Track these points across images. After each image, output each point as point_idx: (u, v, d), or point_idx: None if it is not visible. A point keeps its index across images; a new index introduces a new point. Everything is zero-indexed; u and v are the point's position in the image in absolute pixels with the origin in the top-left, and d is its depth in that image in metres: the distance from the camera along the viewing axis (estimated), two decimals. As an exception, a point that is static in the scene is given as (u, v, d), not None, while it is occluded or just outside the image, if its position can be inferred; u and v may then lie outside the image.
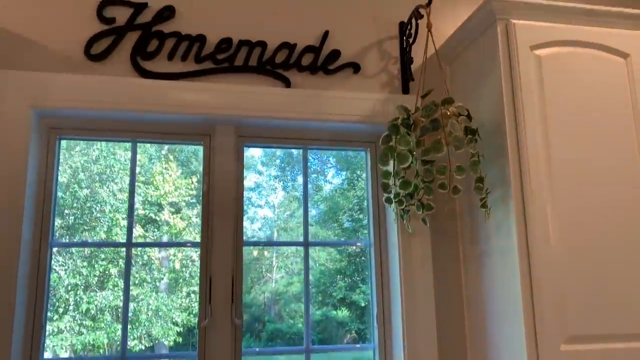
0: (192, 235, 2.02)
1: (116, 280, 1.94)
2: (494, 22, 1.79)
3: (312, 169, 2.17)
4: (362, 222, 2.15)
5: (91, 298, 1.92)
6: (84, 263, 1.93)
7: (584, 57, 1.81)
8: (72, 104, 1.81)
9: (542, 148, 1.71)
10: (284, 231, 2.17)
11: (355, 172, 2.23)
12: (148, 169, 2.01)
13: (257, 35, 1.99)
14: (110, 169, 2.03)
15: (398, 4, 2.15)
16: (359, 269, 2.17)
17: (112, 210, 1.98)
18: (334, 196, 2.23)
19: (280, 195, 2.18)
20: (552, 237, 1.66)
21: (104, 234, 1.96)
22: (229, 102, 1.92)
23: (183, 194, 2.06)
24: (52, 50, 1.84)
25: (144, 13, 1.92)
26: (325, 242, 2.15)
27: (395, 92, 2.08)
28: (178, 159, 2.07)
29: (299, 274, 2.10)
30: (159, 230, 2.02)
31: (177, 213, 2.04)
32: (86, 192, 1.97)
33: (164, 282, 2.01)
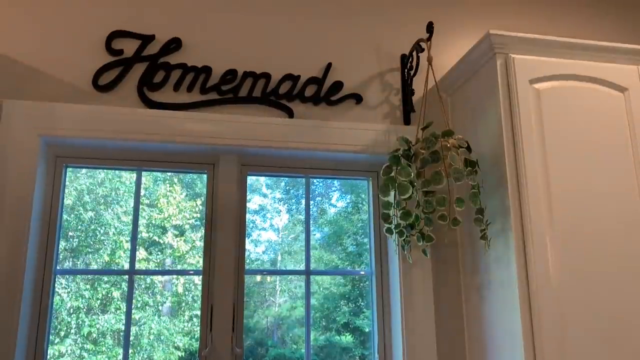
0: (196, 258, 2.03)
1: (118, 304, 1.95)
2: (494, 56, 1.83)
3: (316, 192, 2.19)
4: (366, 246, 2.16)
5: (93, 321, 1.92)
6: (86, 286, 1.94)
7: (582, 91, 1.84)
8: (79, 133, 1.85)
9: (542, 180, 1.73)
10: (287, 254, 2.18)
11: (359, 195, 2.25)
12: (153, 191, 2.04)
13: (262, 66, 2.04)
14: (116, 191, 2.05)
15: (399, 37, 2.20)
16: (362, 294, 2.17)
17: (116, 232, 2.00)
18: (338, 219, 2.24)
19: (285, 218, 2.20)
20: (551, 268, 1.67)
21: (108, 257, 1.97)
22: (233, 132, 1.95)
23: (187, 217, 2.07)
24: (61, 80, 1.89)
25: (151, 45, 1.97)
26: (327, 272, 2.15)
27: (396, 122, 2.11)
28: (182, 181, 2.10)
29: (303, 298, 2.10)
30: (163, 253, 2.03)
31: (181, 236, 2.06)
32: (91, 214, 1.99)
33: (167, 306, 2.01)
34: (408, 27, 2.21)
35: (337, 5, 2.19)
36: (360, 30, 2.18)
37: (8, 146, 1.78)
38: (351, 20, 2.18)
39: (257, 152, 2.02)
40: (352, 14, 2.19)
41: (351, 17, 2.19)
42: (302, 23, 2.14)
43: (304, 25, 2.14)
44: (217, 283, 1.91)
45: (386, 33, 2.20)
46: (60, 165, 1.93)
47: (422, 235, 1.76)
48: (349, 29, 2.17)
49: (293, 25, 2.13)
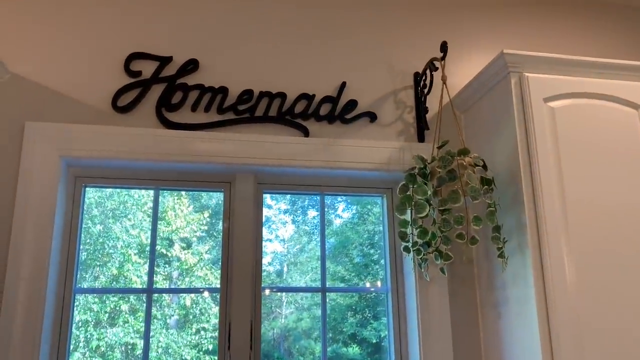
0: (204, 271, 2.05)
1: (127, 317, 1.96)
2: (508, 75, 1.85)
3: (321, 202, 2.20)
4: (373, 257, 2.17)
5: (101, 335, 1.93)
6: (94, 299, 1.96)
7: (596, 109, 1.85)
8: (98, 154, 1.88)
9: (558, 197, 1.74)
10: (293, 265, 2.19)
11: (365, 206, 2.26)
12: (160, 204, 2.06)
13: (277, 86, 2.06)
14: (124, 205, 2.07)
15: (412, 56, 2.22)
16: (370, 305, 2.17)
17: (124, 246, 2.01)
18: (344, 230, 2.25)
19: (290, 229, 2.21)
20: (569, 285, 1.67)
21: (116, 270, 1.99)
22: (249, 152, 1.97)
23: (194, 230, 2.09)
24: (81, 102, 1.92)
25: (169, 66, 2.00)
26: (343, 289, 2.16)
27: (410, 140, 2.13)
28: (189, 194, 2.12)
29: (309, 309, 2.11)
30: (170, 266, 2.05)
31: (188, 248, 2.07)
32: (99, 228, 2.01)
33: (174, 319, 2.02)
34: (421, 45, 2.24)
35: (350, 25, 2.22)
36: (374, 49, 2.21)
37: (30, 167, 1.81)
38: (364, 39, 2.21)
39: (273, 171, 2.05)
40: (365, 33, 2.22)
41: (364, 36, 2.22)
42: (316, 43, 2.17)
43: (318, 45, 2.17)
44: (234, 301, 1.92)
45: (399, 52, 2.23)
46: (79, 185, 1.96)
47: (440, 254, 1.77)
48: (362, 48, 2.20)
49: (307, 45, 2.16)
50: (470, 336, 2.00)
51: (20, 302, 1.70)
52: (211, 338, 2.00)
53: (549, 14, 2.45)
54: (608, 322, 1.66)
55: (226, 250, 2.00)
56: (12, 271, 1.72)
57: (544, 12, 2.45)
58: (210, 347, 1.98)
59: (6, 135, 1.83)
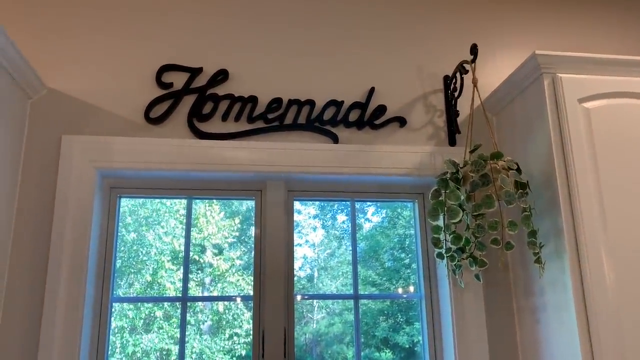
0: (235, 277, 2.06)
1: (161, 323, 1.99)
2: (540, 76, 1.82)
3: (351, 208, 2.19)
4: (404, 261, 2.15)
5: (137, 341, 1.96)
6: (130, 306, 1.99)
7: (633, 108, 1.80)
8: (132, 165, 1.91)
9: (595, 199, 1.70)
10: (324, 270, 2.18)
11: (395, 210, 2.24)
12: (192, 210, 2.08)
13: (306, 94, 2.07)
14: (157, 212, 2.10)
15: (441, 59, 2.20)
16: (402, 310, 2.15)
17: (157, 253, 2.04)
18: (375, 234, 2.24)
19: (320, 234, 2.20)
20: (609, 291, 1.63)
21: (150, 277, 2.02)
22: (280, 159, 1.98)
23: (225, 236, 2.11)
24: (115, 114, 1.96)
25: (199, 77, 2.02)
26: (375, 295, 2.15)
27: (441, 144, 2.11)
28: (220, 200, 2.13)
29: (340, 314, 2.11)
30: (203, 272, 2.07)
31: (220, 254, 2.09)
32: (133, 235, 2.04)
33: (208, 325, 2.04)
34: (449, 48, 2.22)
35: (377, 29, 2.21)
36: (402, 53, 2.20)
37: (67, 179, 1.85)
38: (392, 43, 2.20)
39: (303, 178, 2.05)
40: (392, 37, 2.21)
41: (392, 40, 2.21)
42: (343, 49, 2.17)
43: (346, 51, 2.17)
44: (267, 308, 1.93)
45: (428, 55, 2.21)
46: (114, 196, 2.00)
47: (475, 260, 1.74)
48: (390, 52, 2.19)
49: (335, 51, 2.16)
50: (508, 343, 1.96)
51: (59, 310, 1.74)
52: (244, 344, 2.01)
53: (579, 12, 2.40)
54: (651, 328, 1.61)
55: (258, 258, 2.01)
56: (52, 280, 1.76)
57: (574, 10, 2.40)
58: (243, 353, 2.00)
59: (44, 149, 1.88)
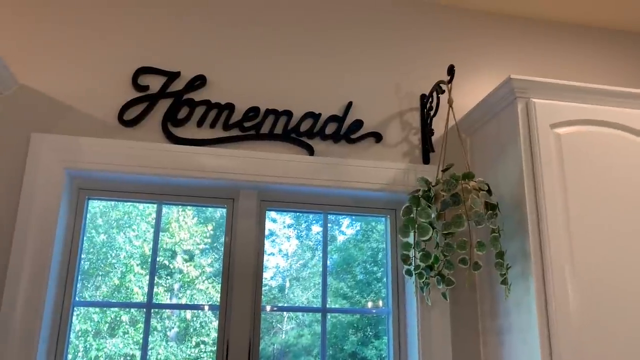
0: (205, 284, 2.04)
1: (127, 328, 1.95)
2: (515, 100, 1.85)
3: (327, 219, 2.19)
4: (376, 274, 2.15)
5: (101, 345, 1.92)
6: (95, 309, 1.95)
7: (603, 136, 1.84)
8: (103, 167, 1.88)
9: (562, 224, 1.72)
10: (295, 281, 2.17)
11: (369, 223, 2.24)
12: (164, 215, 2.05)
13: (284, 104, 2.07)
14: (128, 215, 2.07)
15: (419, 78, 2.23)
16: (371, 323, 2.15)
17: (127, 256, 2.01)
18: (348, 247, 2.24)
19: (294, 243, 2.19)
20: (572, 315, 1.65)
21: (118, 280, 1.98)
22: (254, 169, 1.97)
23: (197, 242, 2.08)
24: (88, 115, 1.92)
25: (176, 81, 2.01)
26: (344, 310, 2.14)
27: (415, 161, 2.13)
28: (191, 206, 2.10)
29: (310, 325, 2.09)
30: (172, 278, 2.04)
31: (191, 261, 2.06)
32: (103, 237, 2.00)
33: (174, 331, 2.01)
34: (427, 68, 2.25)
35: (357, 45, 2.23)
36: (381, 70, 2.21)
37: (34, 178, 1.81)
38: (372, 60, 2.22)
39: (277, 189, 2.04)
40: (372, 54, 2.23)
41: (372, 56, 2.23)
42: (323, 62, 2.18)
43: (325, 64, 2.17)
44: (234, 319, 1.91)
45: (406, 73, 2.23)
46: (83, 197, 1.96)
47: (442, 278, 1.75)
48: (369, 68, 2.21)
49: (314, 64, 2.17)
50: (471, 362, 1.97)
51: (19, 311, 1.69)
52: (211, 352, 1.98)
53: (555, 39, 2.46)
54: (611, 352, 1.64)
55: (227, 267, 1.99)
56: (12, 280, 1.71)
57: (551, 37, 2.45)
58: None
59: (12, 146, 1.84)
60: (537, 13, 2.43)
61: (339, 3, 2.27)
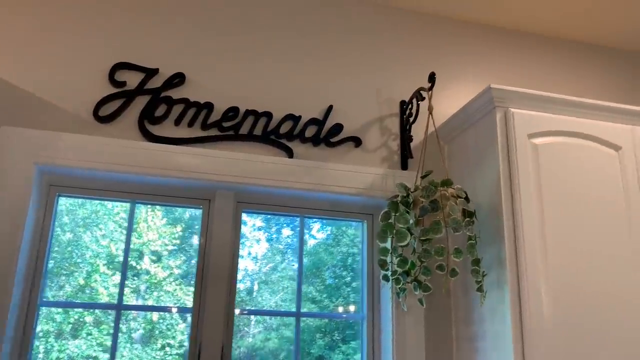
0: (173, 286, 2.00)
1: (90, 329, 1.89)
2: (493, 110, 1.86)
3: (297, 222, 2.17)
4: (345, 279, 2.14)
5: (63, 346, 1.86)
6: (58, 309, 1.88)
7: (578, 148, 1.88)
8: (75, 163, 1.82)
9: (538, 233, 1.74)
10: (264, 284, 2.14)
11: (340, 228, 2.24)
12: (130, 213, 2.00)
13: (264, 105, 2.05)
14: (96, 214, 2.01)
15: (399, 84, 2.23)
16: (339, 328, 2.14)
17: (93, 256, 1.95)
18: (319, 251, 2.22)
19: (264, 246, 2.17)
20: (546, 322, 1.67)
21: (83, 280, 1.93)
22: (231, 169, 1.94)
23: (166, 243, 2.04)
24: (61, 109, 1.87)
25: (154, 78, 1.97)
26: (318, 314, 2.13)
27: (394, 167, 2.13)
28: (164, 206, 2.06)
29: (277, 329, 2.07)
30: (139, 279, 1.99)
31: (159, 262, 2.02)
32: (69, 236, 1.94)
33: (139, 333, 1.96)
34: (408, 74, 2.26)
35: (340, 49, 2.23)
36: (362, 74, 2.21)
37: (2, 173, 1.75)
38: (353, 64, 2.22)
39: (254, 190, 2.01)
40: (354, 58, 2.23)
41: (353, 61, 2.22)
42: (304, 65, 2.16)
43: (307, 67, 2.16)
44: (207, 322, 1.87)
45: (387, 79, 2.24)
46: (53, 194, 1.90)
47: (419, 284, 1.75)
48: (350, 72, 2.20)
49: (296, 66, 2.15)
50: (444, 369, 1.98)
51: (-19, 312, 1.63)
52: (177, 355, 1.94)
53: (535, 51, 2.50)
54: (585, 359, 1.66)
55: (200, 269, 1.95)
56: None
57: (530, 49, 2.49)
58: (175, 364, 1.93)
59: (-20, 139, 1.77)
60: (517, 25, 2.47)
61: (322, 7, 2.26)
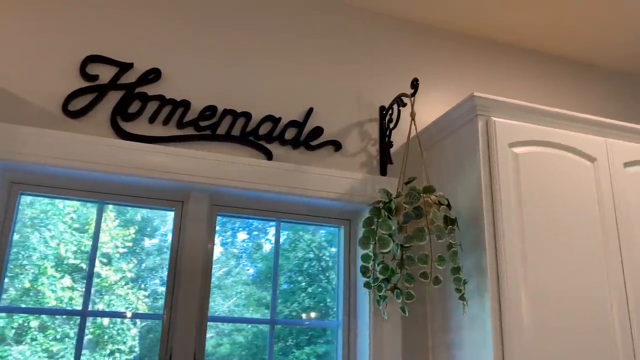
0: (125, 290, 1.91)
1: (35, 335, 1.78)
2: (475, 117, 1.87)
3: (253, 226, 2.12)
4: (300, 284, 2.10)
5: (4, 352, 1.75)
6: (1, 314, 1.77)
7: (557, 158, 1.90)
8: (41, 160, 1.71)
9: (518, 241, 1.75)
10: (217, 289, 2.08)
11: (297, 232, 2.19)
12: (82, 215, 1.90)
13: (242, 105, 1.99)
14: (45, 213, 1.90)
15: (379, 90, 2.22)
16: (293, 333, 2.09)
17: (40, 257, 1.84)
18: (274, 256, 2.17)
19: (218, 251, 2.10)
20: (526, 330, 1.67)
21: (29, 283, 1.82)
22: (207, 171, 1.87)
23: (118, 245, 1.94)
24: (27, 102, 1.75)
25: (128, 73, 1.88)
26: (291, 321, 2.08)
27: (373, 172, 2.11)
28: (115, 207, 1.96)
29: (230, 335, 2.02)
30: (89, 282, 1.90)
31: (110, 265, 1.93)
32: (17, 237, 1.83)
33: (88, 338, 1.86)
34: (388, 79, 2.24)
35: (320, 52, 2.19)
36: (343, 78, 2.19)
37: (-39, 169, 1.62)
38: (334, 67, 2.19)
39: (230, 193, 1.95)
40: (336, 61, 2.20)
41: (334, 64, 2.19)
42: (285, 65, 2.12)
43: (288, 68, 2.12)
44: (178, 330, 1.79)
45: (367, 84, 2.21)
46: (15, 192, 1.78)
47: (401, 292, 1.73)
48: (332, 75, 2.17)
49: (277, 66, 2.10)
50: (421, 378, 1.96)
51: None
52: (126, 361, 1.86)
53: (515, 60, 2.54)
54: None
55: (172, 273, 1.87)
56: None
57: (509, 59, 2.53)
58: (124, 371, 1.84)
59: (-64, 130, 1.64)
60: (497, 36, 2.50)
61: (305, 10, 2.23)
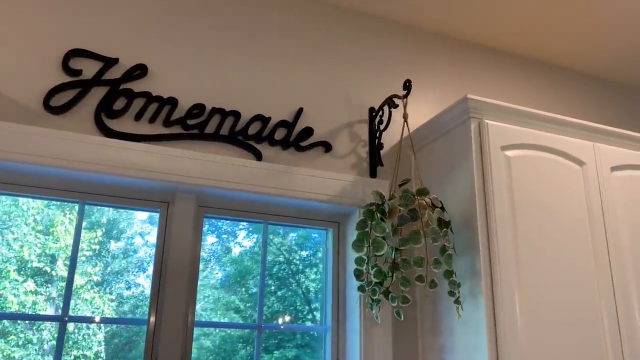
0: (91, 294, 1.83)
1: None
2: (468, 120, 1.86)
3: (222, 229, 2.07)
4: (270, 288, 2.05)
5: None
6: None
7: (547, 162, 1.91)
8: (18, 157, 1.62)
9: (512, 244, 1.74)
10: None
11: (268, 235, 2.16)
12: (45, 216, 1.82)
13: (232, 104, 1.93)
14: (8, 215, 1.81)
15: (369, 91, 2.19)
16: (262, 337, 2.05)
17: (3, 261, 1.76)
18: (243, 259, 2.13)
19: None
20: (520, 334, 1.66)
21: None
22: (194, 171, 1.81)
23: (85, 248, 1.87)
24: (6, 96, 1.66)
25: (113, 69, 1.80)
26: (279, 326, 2.03)
27: (363, 174, 2.08)
28: (81, 208, 1.88)
29: (197, 339, 1.96)
30: (53, 286, 1.81)
31: (75, 268, 1.85)
32: None
33: (51, 344, 1.78)
34: (377, 81, 2.22)
35: (310, 52, 2.15)
36: (333, 78, 2.15)
37: None
38: (325, 67, 2.15)
39: (218, 194, 1.89)
40: (326, 61, 2.17)
41: (325, 64, 2.16)
42: (275, 64, 2.07)
43: (278, 67, 2.07)
44: (164, 335, 1.72)
45: (357, 85, 2.19)
46: (-11, 191, 1.69)
47: (395, 295, 1.70)
48: (322, 76, 2.13)
49: (266, 65, 2.06)
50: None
51: None
52: (91, 367, 1.78)
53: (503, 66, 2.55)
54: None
55: (157, 277, 1.80)
56: None
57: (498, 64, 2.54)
58: (88, 378, 1.76)
59: None
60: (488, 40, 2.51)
61: (296, 9, 2.18)
